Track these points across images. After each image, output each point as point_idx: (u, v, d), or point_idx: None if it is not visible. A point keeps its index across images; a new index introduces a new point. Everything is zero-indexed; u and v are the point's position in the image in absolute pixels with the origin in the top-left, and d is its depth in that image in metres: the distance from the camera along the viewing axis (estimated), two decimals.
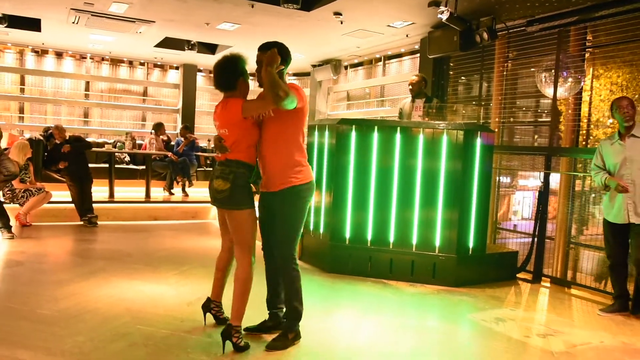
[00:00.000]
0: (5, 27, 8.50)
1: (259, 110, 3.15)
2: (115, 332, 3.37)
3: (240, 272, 3.16)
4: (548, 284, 5.53)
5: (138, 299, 4.12)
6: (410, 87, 6.17)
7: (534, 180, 6.36)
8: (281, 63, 3.08)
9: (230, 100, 3.17)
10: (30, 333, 3.29)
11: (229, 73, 3.18)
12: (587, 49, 5.90)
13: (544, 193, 5.70)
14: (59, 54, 11.60)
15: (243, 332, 3.22)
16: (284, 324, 3.38)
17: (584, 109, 5.81)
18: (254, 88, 3.12)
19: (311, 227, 5.70)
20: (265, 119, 3.20)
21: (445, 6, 5.49)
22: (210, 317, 3.58)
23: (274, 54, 3.03)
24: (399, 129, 5.21)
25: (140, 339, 3.29)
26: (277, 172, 3.21)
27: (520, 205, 7.30)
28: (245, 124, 3.13)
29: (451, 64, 7.46)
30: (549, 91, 5.88)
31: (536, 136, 6.87)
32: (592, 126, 5.82)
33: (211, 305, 3.53)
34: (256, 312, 3.48)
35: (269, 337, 3.37)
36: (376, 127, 5.27)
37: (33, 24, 8.69)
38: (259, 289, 3.44)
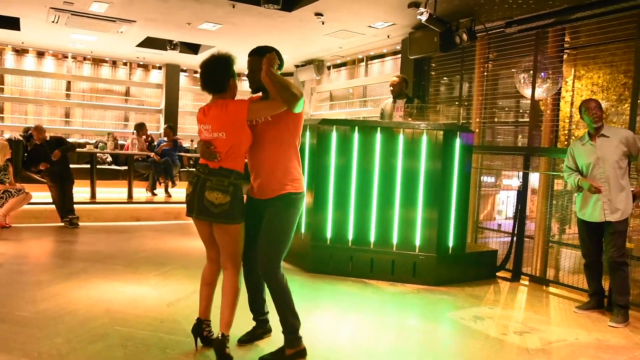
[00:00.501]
0: None
1: (266, 113, 2.99)
2: (94, 333, 3.36)
3: (231, 284, 3.02)
4: (527, 283, 5.62)
5: (118, 300, 4.10)
6: (391, 88, 6.24)
7: (518, 180, 6.43)
8: (278, 67, 3.04)
9: (230, 101, 2.98)
10: (8, 335, 3.26)
11: (219, 73, 3.00)
12: (565, 50, 6.00)
13: (522, 192, 5.78)
14: (40, 54, 11.47)
15: (237, 344, 3.24)
16: (284, 340, 3.17)
17: (566, 109, 5.90)
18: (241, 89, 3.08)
19: None
20: (260, 124, 3.05)
21: (425, 7, 5.55)
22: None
23: (273, 56, 2.95)
24: (379, 129, 5.26)
25: (118, 339, 3.28)
26: (272, 179, 3.05)
27: (505, 205, 7.38)
28: (246, 127, 2.93)
29: (433, 65, 7.54)
30: (527, 92, 5.97)
31: (520, 136, 6.97)
32: (574, 126, 5.92)
33: (202, 327, 3.21)
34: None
35: (261, 343, 3.37)
36: (357, 128, 5.31)
37: (12, 23, 8.58)
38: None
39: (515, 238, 5.72)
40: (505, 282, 5.59)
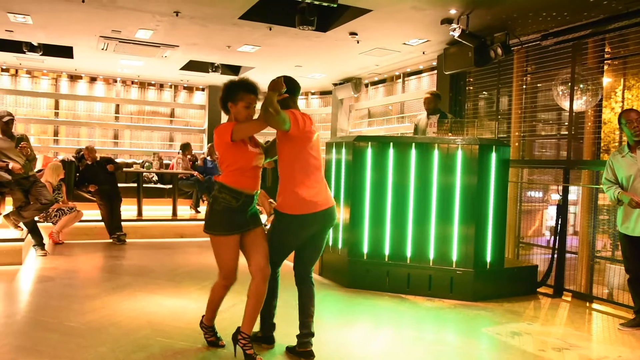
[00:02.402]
0: (41, 55, 8.97)
1: (249, 131, 3.21)
2: (136, 344, 3.52)
3: (212, 288, 3.44)
4: (569, 299, 5.47)
5: (160, 313, 4.28)
6: (425, 104, 6.27)
7: (558, 194, 6.26)
8: (287, 92, 3.22)
9: (221, 124, 3.25)
10: (57, 344, 3.47)
11: (220, 100, 3.31)
12: (605, 61, 5.90)
13: (563, 206, 5.67)
14: (92, 79, 12.12)
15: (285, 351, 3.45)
16: None
17: (615, 120, 5.76)
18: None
19: (330, 243, 5.80)
20: (278, 144, 3.33)
21: (457, 23, 5.59)
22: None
23: (279, 81, 3.15)
24: (414, 144, 5.30)
25: (159, 350, 3.43)
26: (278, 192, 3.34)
27: (554, 221, 7.20)
28: (231, 146, 3.16)
29: (470, 80, 7.53)
30: (566, 104, 5.88)
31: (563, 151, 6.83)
32: (624, 138, 5.75)
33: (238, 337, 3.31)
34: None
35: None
36: (392, 144, 5.36)
37: (66, 52, 9.15)
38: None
39: (556, 253, 5.60)
40: (546, 298, 5.46)
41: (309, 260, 3.45)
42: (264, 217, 3.56)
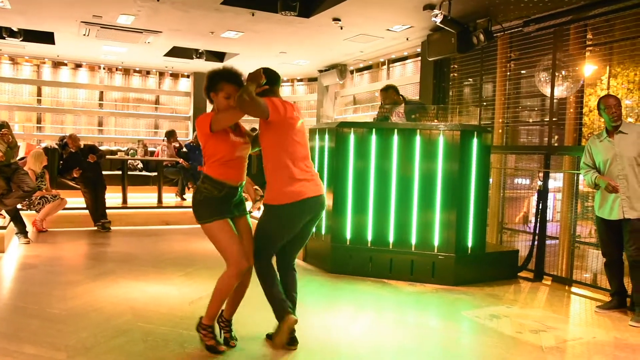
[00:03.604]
0: (21, 40, 8.84)
1: (227, 121, 3.13)
2: (117, 329, 3.54)
3: (220, 278, 3.21)
4: (549, 283, 5.57)
5: (142, 299, 4.29)
6: (383, 109, 6.05)
7: (554, 182, 6.30)
8: (267, 83, 3.19)
9: (201, 115, 3.20)
10: (38, 330, 3.48)
11: (204, 89, 3.26)
12: (587, 48, 5.94)
13: (543, 192, 5.74)
14: (78, 65, 11.97)
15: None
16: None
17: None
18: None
19: (313, 230, 5.81)
20: (261, 135, 3.28)
21: (439, 9, 5.59)
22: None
23: (257, 72, 3.14)
24: (396, 130, 5.32)
25: (140, 335, 3.45)
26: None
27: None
28: (211, 137, 3.13)
29: (454, 66, 7.55)
30: (547, 90, 5.93)
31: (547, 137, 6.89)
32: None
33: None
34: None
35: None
36: (374, 130, 5.38)
37: (47, 38, 9.01)
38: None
39: (537, 238, 5.68)
40: (526, 282, 5.55)
41: (294, 250, 3.46)
42: (249, 204, 3.52)
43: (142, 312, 3.92)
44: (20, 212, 6.57)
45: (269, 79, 3.23)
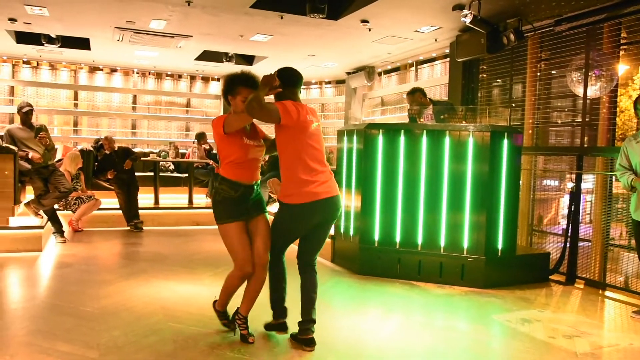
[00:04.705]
0: (59, 47, 9.14)
1: (239, 123, 3.23)
2: (148, 328, 3.62)
3: (227, 276, 3.47)
4: (582, 286, 5.44)
5: (173, 298, 4.38)
6: (412, 110, 6.03)
7: (584, 183, 6.17)
8: (284, 84, 3.25)
9: (217, 117, 3.34)
10: (71, 328, 3.58)
11: (222, 93, 3.43)
12: (621, 47, 5.79)
13: (575, 194, 5.62)
14: (113, 70, 12.30)
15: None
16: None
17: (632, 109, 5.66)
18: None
19: (342, 231, 5.84)
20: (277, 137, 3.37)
21: (469, 9, 5.52)
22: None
23: (270, 76, 3.20)
24: (425, 132, 5.28)
25: (170, 334, 3.52)
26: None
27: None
28: (224, 139, 3.26)
29: (483, 67, 7.45)
30: (580, 91, 5.80)
31: (578, 139, 6.73)
32: None
33: (235, 317, 3.55)
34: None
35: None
36: (403, 131, 5.36)
37: (83, 43, 9.29)
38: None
39: (569, 240, 5.56)
40: (558, 285, 5.44)
41: (311, 250, 3.48)
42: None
43: (172, 312, 4.00)
44: (57, 212, 6.78)
45: (285, 81, 3.27)
